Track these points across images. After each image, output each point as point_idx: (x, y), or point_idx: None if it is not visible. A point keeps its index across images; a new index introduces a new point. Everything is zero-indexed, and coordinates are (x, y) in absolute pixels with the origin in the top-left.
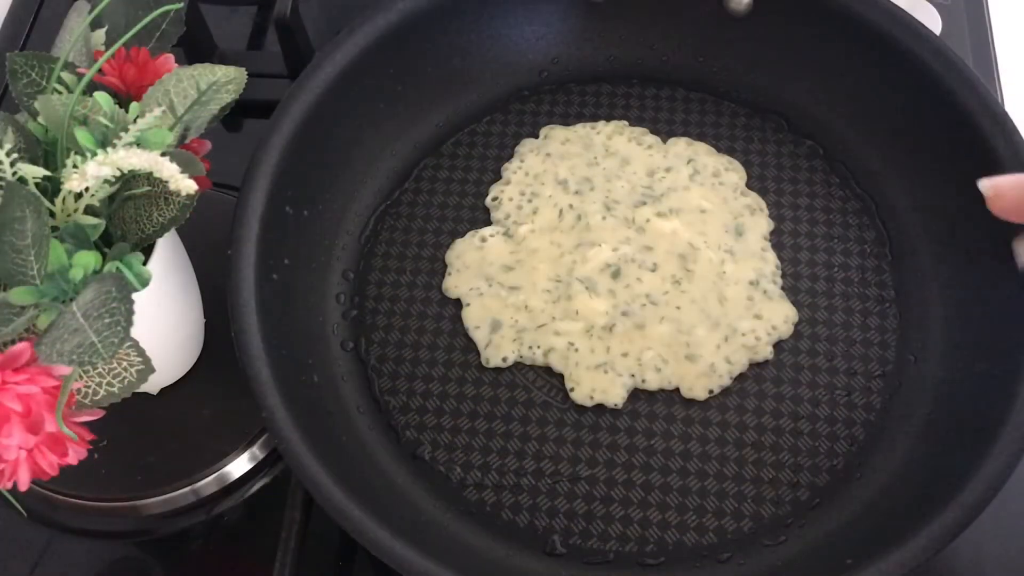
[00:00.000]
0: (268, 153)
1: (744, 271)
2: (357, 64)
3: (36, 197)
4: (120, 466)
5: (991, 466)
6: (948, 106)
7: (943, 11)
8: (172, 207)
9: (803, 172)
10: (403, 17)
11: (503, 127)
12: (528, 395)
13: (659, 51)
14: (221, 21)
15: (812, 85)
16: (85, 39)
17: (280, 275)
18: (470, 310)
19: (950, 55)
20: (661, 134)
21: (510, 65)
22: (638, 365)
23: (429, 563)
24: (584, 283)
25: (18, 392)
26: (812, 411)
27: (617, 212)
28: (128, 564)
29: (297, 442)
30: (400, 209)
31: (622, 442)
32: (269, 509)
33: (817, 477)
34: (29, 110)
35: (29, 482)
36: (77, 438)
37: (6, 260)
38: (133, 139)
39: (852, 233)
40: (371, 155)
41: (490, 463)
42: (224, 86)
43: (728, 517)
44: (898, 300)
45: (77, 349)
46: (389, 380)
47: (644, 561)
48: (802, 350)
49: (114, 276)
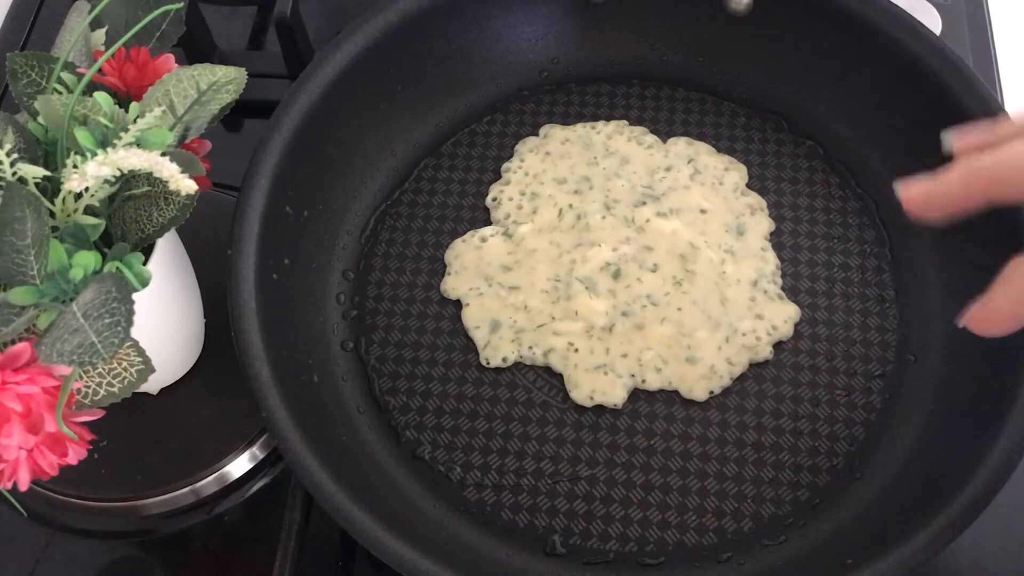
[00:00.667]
0: (268, 153)
1: (745, 271)
2: (357, 64)
3: (36, 197)
4: (120, 466)
5: (991, 465)
6: (948, 106)
7: (943, 11)
8: (172, 207)
9: (803, 172)
10: (403, 17)
11: (503, 127)
12: (528, 395)
13: (659, 51)
14: (221, 21)
15: (812, 85)
16: (85, 39)
17: (280, 275)
18: (470, 310)
19: (950, 55)
20: (661, 134)
21: (510, 65)
22: (638, 366)
23: (429, 563)
24: (584, 283)
25: (18, 392)
26: (812, 411)
27: (617, 212)
28: (128, 564)
29: (297, 442)
30: (400, 209)
31: (622, 442)
32: (269, 509)
33: (817, 477)
34: (29, 110)
35: (29, 482)
36: (77, 438)
37: (6, 260)
38: (133, 139)
39: (852, 233)
40: (371, 155)
41: (490, 463)
42: (224, 86)
43: (728, 517)
44: (898, 300)
45: (77, 349)
46: (389, 380)
47: (644, 561)
48: (802, 350)
49: (114, 276)
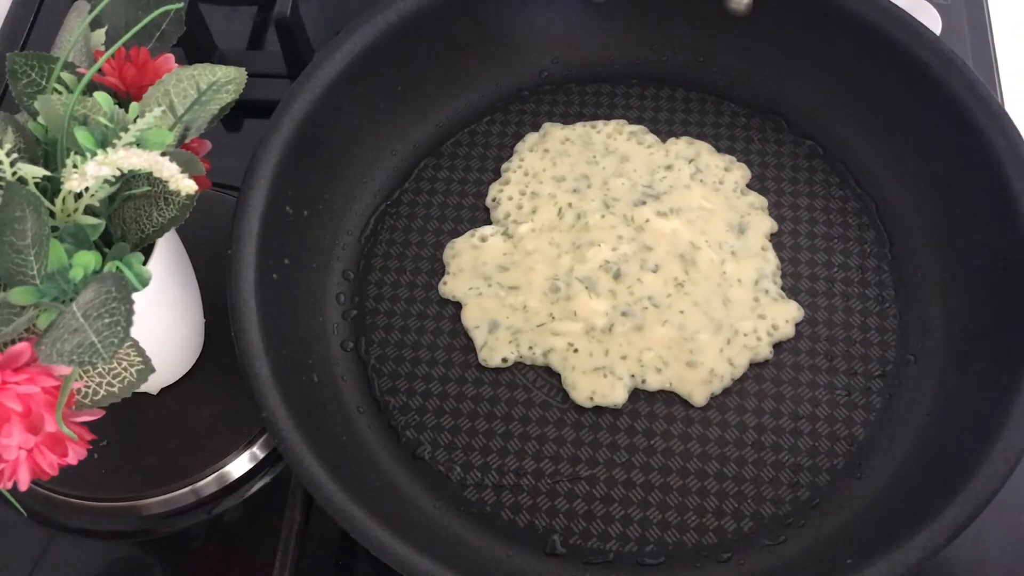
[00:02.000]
0: (268, 153)
1: (746, 271)
2: (357, 64)
3: (36, 197)
4: (120, 466)
5: (991, 466)
6: (948, 106)
7: (943, 11)
8: (172, 207)
9: (803, 172)
10: (403, 17)
11: (503, 127)
12: (528, 395)
13: (659, 51)
14: (221, 21)
15: (812, 85)
16: (85, 39)
17: (280, 275)
18: (469, 310)
19: (950, 55)
20: (661, 134)
21: (510, 65)
22: (639, 366)
23: (429, 563)
24: (584, 283)
25: (18, 392)
26: (812, 411)
27: (617, 211)
28: (128, 564)
29: (297, 442)
30: (400, 209)
31: (622, 442)
32: (269, 509)
33: (817, 477)
34: (29, 110)
35: (29, 482)
36: (77, 438)
37: (6, 260)
38: (133, 139)
39: (852, 233)
40: (371, 155)
41: (490, 463)
42: (224, 86)
43: (728, 517)
44: (898, 300)
45: (77, 349)
46: (389, 380)
47: (644, 561)
48: (802, 350)
49: (114, 276)
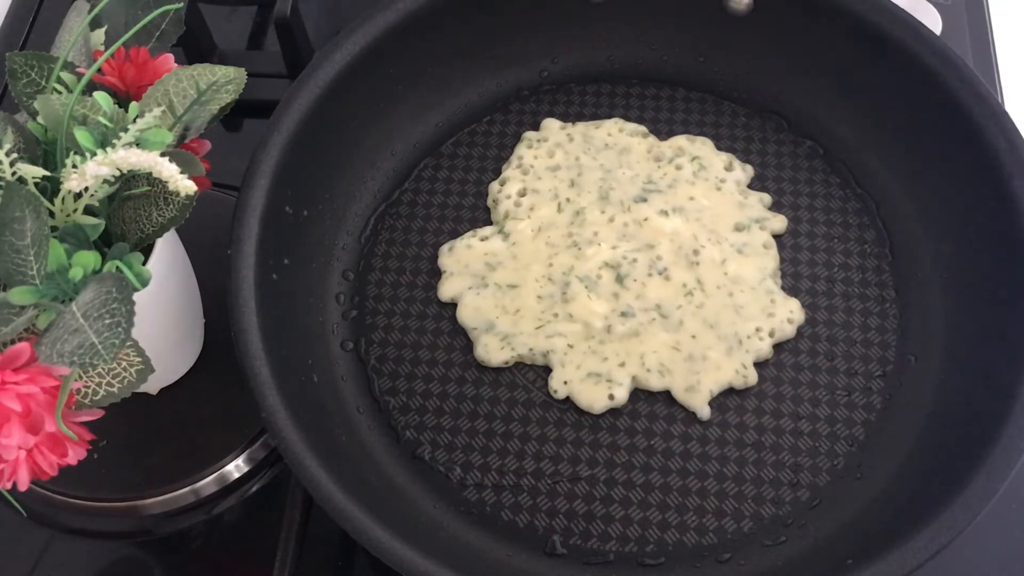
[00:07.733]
0: (268, 153)
1: (747, 270)
2: (357, 64)
3: (36, 197)
4: (120, 466)
5: (991, 466)
6: (948, 106)
7: (943, 11)
8: (172, 207)
9: (803, 172)
10: (403, 17)
11: (503, 127)
12: (528, 395)
13: (659, 51)
14: (221, 21)
15: (812, 85)
16: (85, 39)
17: (280, 275)
18: (467, 310)
19: (950, 55)
20: (661, 134)
21: (510, 65)
22: (641, 367)
23: (429, 563)
24: (584, 283)
25: (18, 392)
26: (812, 411)
27: (617, 210)
28: (128, 564)
29: (297, 442)
30: (400, 209)
31: (622, 442)
32: (269, 509)
33: (817, 477)
34: (29, 110)
35: (29, 482)
36: (77, 438)
37: (6, 260)
38: (133, 139)
39: (852, 233)
40: (371, 155)
41: (490, 463)
42: (224, 86)
43: (728, 517)
44: (898, 300)
45: (78, 350)
46: (389, 380)
47: (644, 561)
48: (802, 350)
49: (114, 276)
